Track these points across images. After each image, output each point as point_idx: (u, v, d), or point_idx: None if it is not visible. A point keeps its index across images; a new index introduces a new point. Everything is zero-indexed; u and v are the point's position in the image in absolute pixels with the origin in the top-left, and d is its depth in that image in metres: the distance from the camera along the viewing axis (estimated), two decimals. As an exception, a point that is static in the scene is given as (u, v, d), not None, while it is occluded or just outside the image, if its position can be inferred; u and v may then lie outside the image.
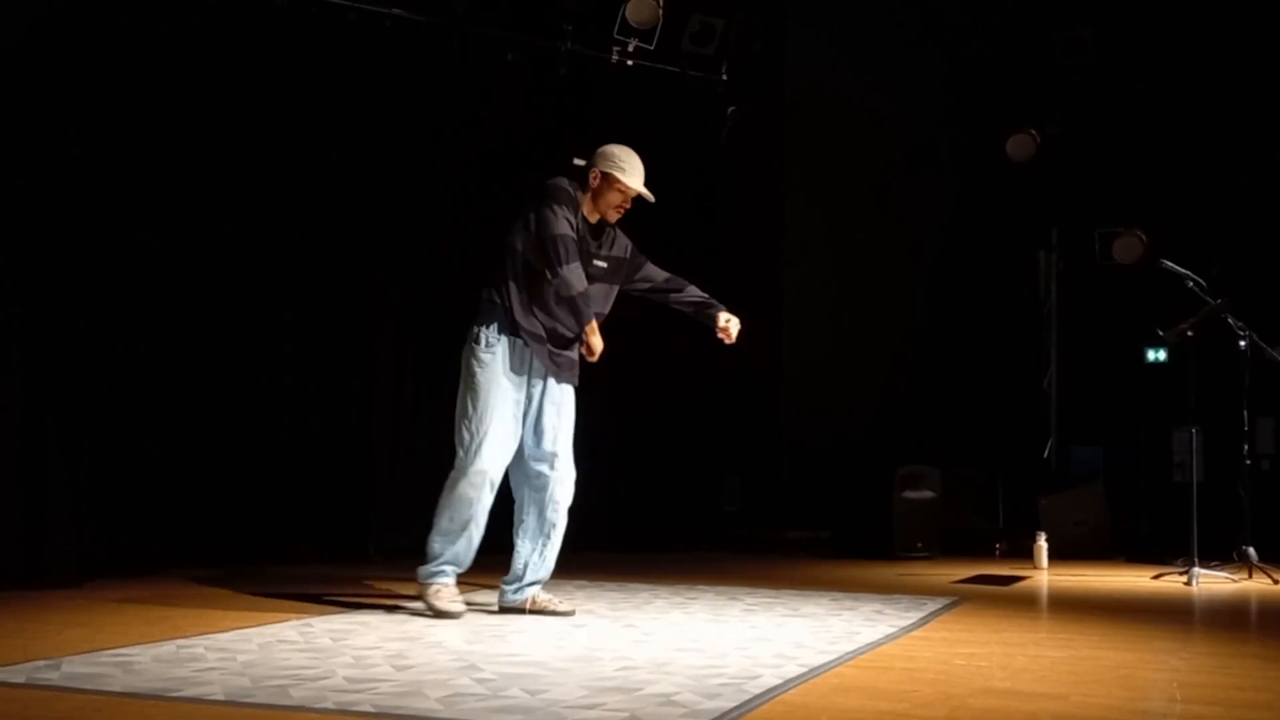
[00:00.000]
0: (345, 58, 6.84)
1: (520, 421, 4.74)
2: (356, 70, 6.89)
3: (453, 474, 4.69)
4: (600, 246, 4.81)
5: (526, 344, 4.68)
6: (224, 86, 6.39)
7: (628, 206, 4.79)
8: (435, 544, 4.70)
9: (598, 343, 4.59)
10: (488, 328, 4.69)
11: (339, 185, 6.87)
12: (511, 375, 4.69)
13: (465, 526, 4.66)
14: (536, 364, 4.73)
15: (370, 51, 6.90)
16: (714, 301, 4.99)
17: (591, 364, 4.79)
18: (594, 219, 4.79)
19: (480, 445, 4.62)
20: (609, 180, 4.72)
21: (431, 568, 4.71)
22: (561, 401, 4.80)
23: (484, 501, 4.66)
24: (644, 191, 4.75)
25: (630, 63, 7.60)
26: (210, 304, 6.39)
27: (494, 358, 4.67)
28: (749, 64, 8.25)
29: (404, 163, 7.14)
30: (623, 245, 4.91)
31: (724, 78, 8.05)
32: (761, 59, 8.63)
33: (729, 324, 4.89)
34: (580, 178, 4.79)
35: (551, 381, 4.76)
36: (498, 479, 4.70)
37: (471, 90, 7.37)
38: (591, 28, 7.47)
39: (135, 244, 6.01)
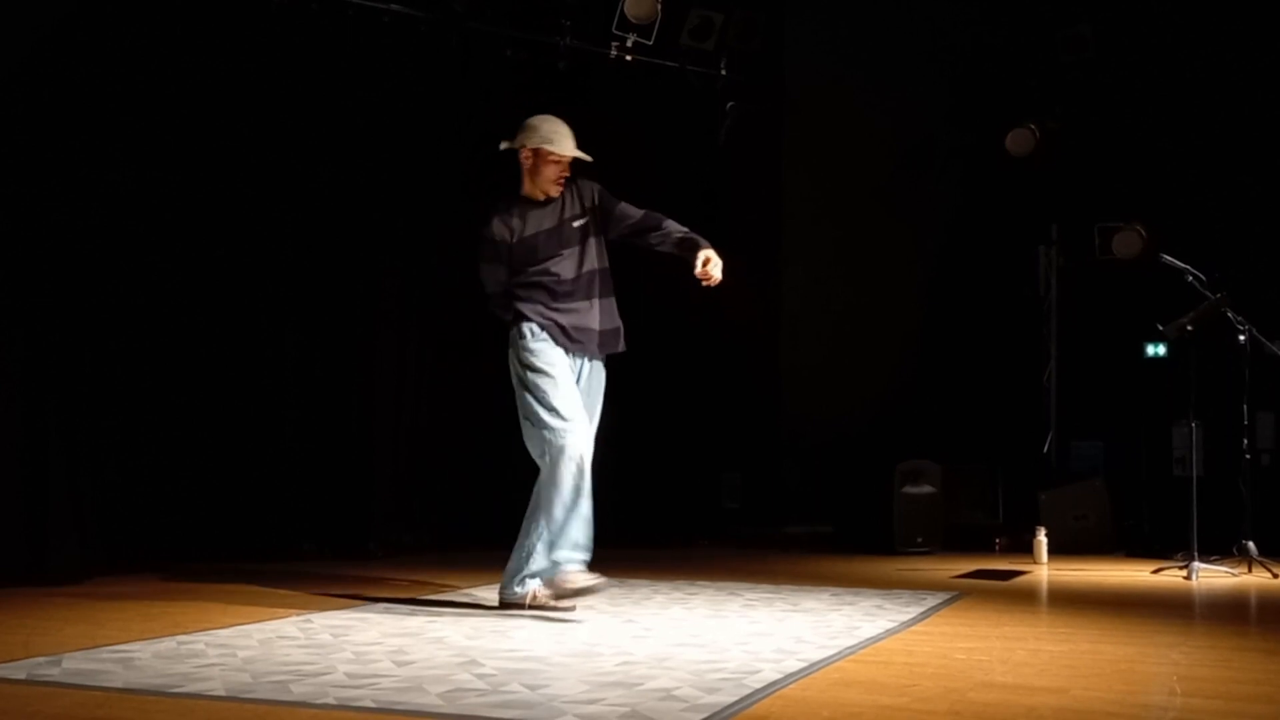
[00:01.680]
0: (344, 56, 6.84)
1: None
2: (356, 68, 6.90)
3: (544, 472, 4.56)
4: (564, 211, 4.71)
5: (562, 334, 4.66)
6: (224, 86, 6.40)
7: (567, 174, 4.71)
8: (548, 546, 4.58)
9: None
10: (527, 323, 4.65)
11: (339, 184, 6.87)
12: (563, 357, 4.66)
13: (575, 505, 4.52)
14: (575, 348, 4.70)
15: (369, 49, 6.91)
16: (697, 238, 4.65)
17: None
18: (540, 197, 4.71)
19: (564, 427, 4.52)
20: (541, 155, 4.65)
21: (551, 566, 4.62)
22: (597, 384, 4.80)
23: (587, 480, 4.53)
24: (579, 154, 4.66)
25: (629, 58, 7.60)
26: (211, 303, 6.39)
27: (545, 345, 4.63)
28: (748, 63, 8.25)
29: (404, 162, 7.14)
30: (589, 194, 4.77)
31: (723, 73, 8.05)
32: (761, 58, 8.62)
33: (709, 265, 4.52)
34: (512, 161, 4.71)
35: (587, 361, 4.75)
36: (590, 453, 4.58)
37: (471, 87, 7.37)
38: (590, 23, 7.48)
39: (136, 244, 6.01)
